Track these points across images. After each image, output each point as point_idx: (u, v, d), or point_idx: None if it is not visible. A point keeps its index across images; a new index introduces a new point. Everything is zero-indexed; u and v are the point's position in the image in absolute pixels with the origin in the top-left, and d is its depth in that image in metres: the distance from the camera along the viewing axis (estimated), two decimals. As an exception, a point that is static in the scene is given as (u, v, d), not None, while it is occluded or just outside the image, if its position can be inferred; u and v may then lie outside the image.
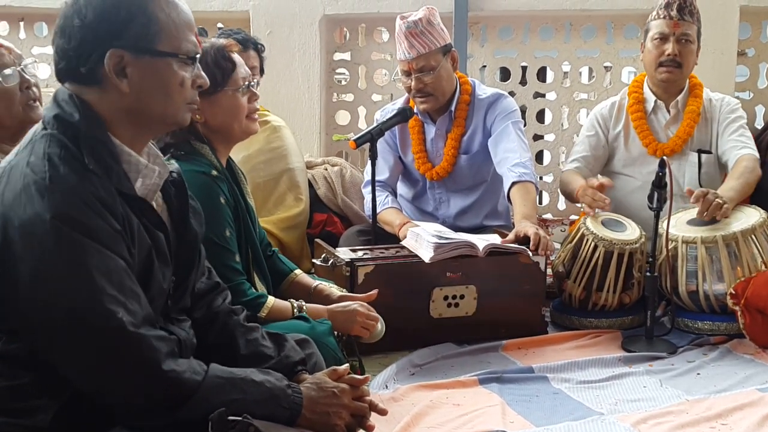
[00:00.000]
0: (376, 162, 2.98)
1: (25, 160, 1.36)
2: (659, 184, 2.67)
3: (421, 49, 3.00)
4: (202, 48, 1.54)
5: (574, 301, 2.96)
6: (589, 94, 4.24)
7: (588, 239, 2.90)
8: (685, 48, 3.14)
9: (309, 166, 3.72)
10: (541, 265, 2.78)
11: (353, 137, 3.01)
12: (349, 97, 4.29)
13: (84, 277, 1.31)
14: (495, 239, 2.84)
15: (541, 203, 4.40)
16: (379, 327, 2.25)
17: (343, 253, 2.76)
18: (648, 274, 2.71)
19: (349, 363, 2.01)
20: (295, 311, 2.14)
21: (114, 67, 1.40)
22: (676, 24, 3.13)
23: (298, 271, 2.42)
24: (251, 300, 2.08)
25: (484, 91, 3.23)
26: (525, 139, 3.15)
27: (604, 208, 2.99)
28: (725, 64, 3.87)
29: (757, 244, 2.77)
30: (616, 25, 4.05)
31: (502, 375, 2.41)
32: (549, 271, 2.97)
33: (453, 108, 3.18)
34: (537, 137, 4.28)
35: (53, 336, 1.32)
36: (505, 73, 4.36)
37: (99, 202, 1.34)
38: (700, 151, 3.23)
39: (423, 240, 2.73)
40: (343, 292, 2.39)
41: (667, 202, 2.68)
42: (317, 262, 2.81)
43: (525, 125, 3.49)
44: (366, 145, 2.97)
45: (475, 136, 3.19)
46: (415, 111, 3.17)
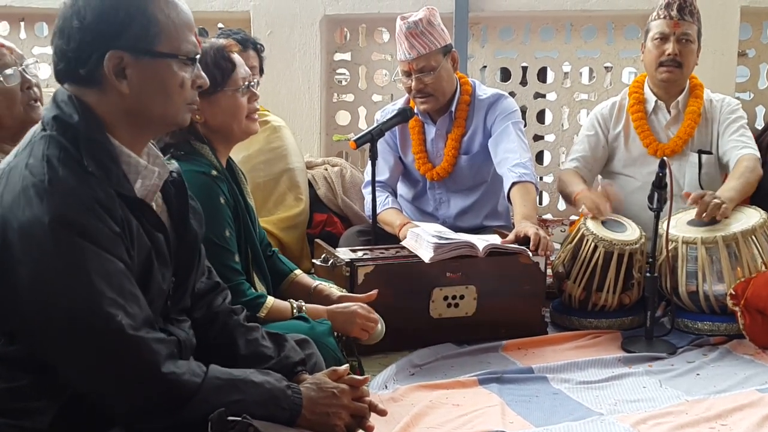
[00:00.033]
0: (377, 162, 2.98)
1: (24, 161, 1.36)
2: (659, 185, 2.67)
3: (422, 50, 3.00)
4: (202, 48, 1.53)
5: (574, 301, 2.96)
6: (589, 95, 4.24)
7: (588, 239, 2.90)
8: (686, 48, 3.14)
9: (309, 167, 3.72)
10: (541, 265, 2.78)
11: (353, 137, 3.01)
12: (349, 97, 4.29)
13: (83, 280, 1.30)
14: (495, 239, 2.84)
15: (541, 204, 4.40)
16: (379, 328, 2.25)
17: (343, 253, 2.76)
18: (648, 274, 2.71)
19: (349, 363, 2.01)
20: (294, 311, 2.14)
21: (113, 68, 1.39)
22: (677, 24, 3.13)
23: (298, 271, 2.41)
24: (250, 300, 2.07)
25: (485, 91, 3.22)
26: (525, 140, 3.15)
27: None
28: (725, 65, 3.87)
29: (757, 244, 2.77)
30: (617, 25, 4.05)
31: (502, 375, 2.41)
32: (549, 271, 2.97)
33: (453, 108, 3.17)
34: (537, 138, 4.28)
35: (52, 339, 1.32)
36: (505, 74, 4.36)
37: (98, 204, 1.34)
38: (700, 152, 3.22)
39: (423, 240, 2.73)
40: (343, 293, 2.38)
41: (668, 202, 2.68)
42: (317, 262, 2.81)
43: (525, 126, 3.49)
44: (366, 146, 2.98)
45: (475, 136, 3.19)
46: (415, 111, 3.16)
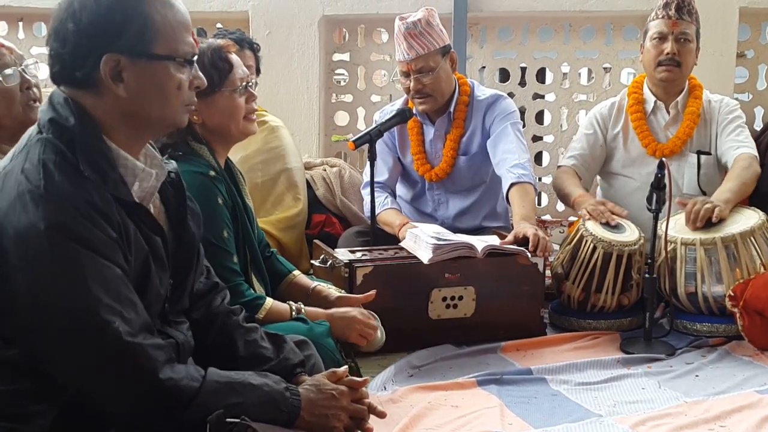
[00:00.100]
0: (375, 163, 2.98)
1: (19, 166, 1.34)
2: (658, 186, 2.67)
3: (420, 50, 3.00)
4: (199, 48, 1.52)
5: (572, 302, 2.96)
6: (588, 96, 4.23)
7: (587, 240, 2.89)
8: (684, 47, 3.14)
9: (308, 167, 3.72)
10: (540, 266, 2.78)
11: (352, 138, 3.00)
12: (348, 97, 4.29)
13: (79, 286, 1.29)
14: (494, 240, 2.83)
15: (539, 204, 4.41)
16: (379, 335, 2.23)
17: (341, 254, 2.76)
18: (647, 275, 2.70)
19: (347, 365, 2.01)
20: (293, 314, 2.14)
21: (110, 71, 1.38)
22: (675, 23, 3.12)
23: (296, 272, 2.41)
24: (249, 301, 2.07)
25: (483, 92, 3.22)
26: (524, 141, 3.15)
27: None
28: (724, 66, 3.88)
29: (756, 246, 2.77)
30: (616, 26, 4.05)
31: (501, 376, 2.40)
32: (548, 272, 2.97)
33: (452, 109, 3.17)
34: (536, 138, 4.28)
35: (50, 345, 1.31)
36: (504, 74, 4.36)
37: (94, 210, 1.33)
38: (699, 153, 3.22)
39: (422, 241, 2.73)
40: (342, 293, 2.38)
41: (666, 203, 2.68)
42: (316, 263, 2.80)
43: (524, 126, 3.49)
44: (365, 146, 2.97)
45: (474, 137, 3.19)
46: (414, 112, 3.16)
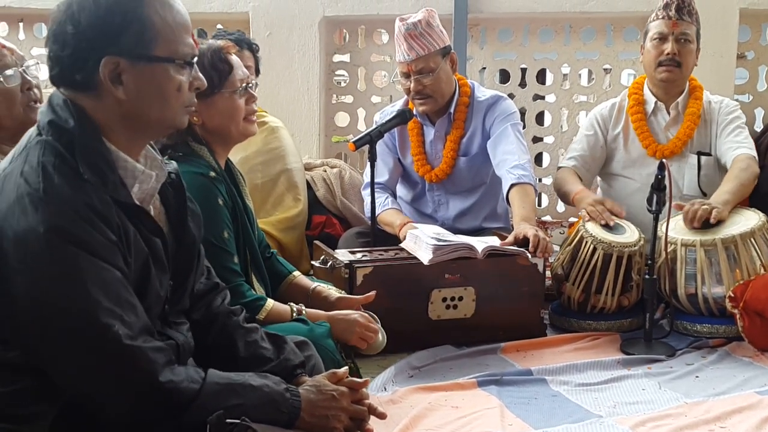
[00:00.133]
0: (375, 164, 2.98)
1: (19, 168, 1.34)
2: (658, 187, 2.67)
3: (421, 51, 3.00)
4: (199, 49, 1.51)
5: (572, 303, 2.95)
6: (588, 97, 4.23)
7: (587, 242, 2.89)
8: (684, 48, 3.14)
9: (308, 168, 3.72)
10: (540, 267, 2.78)
11: (352, 139, 3.00)
12: (348, 98, 4.29)
13: (79, 290, 1.29)
14: (494, 242, 2.83)
15: (540, 205, 4.41)
16: (380, 339, 2.23)
17: (341, 255, 2.76)
18: (647, 276, 2.70)
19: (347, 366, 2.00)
20: (294, 315, 2.13)
21: (109, 74, 1.37)
22: (675, 23, 3.13)
23: (296, 272, 2.41)
24: (250, 302, 2.07)
25: (483, 93, 3.22)
26: (524, 141, 3.15)
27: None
28: (725, 67, 3.88)
29: (756, 247, 2.77)
30: (616, 27, 4.05)
31: (501, 377, 2.40)
32: (548, 273, 2.96)
33: (452, 110, 3.17)
34: (536, 139, 4.28)
35: (49, 348, 1.31)
36: (504, 75, 4.36)
37: (94, 213, 1.32)
38: (699, 153, 3.22)
39: (422, 242, 2.73)
40: (342, 294, 2.38)
41: (666, 204, 2.68)
42: (316, 264, 2.81)
43: (524, 127, 3.49)
44: (365, 147, 2.97)
45: (474, 138, 3.19)
46: (414, 113, 3.16)
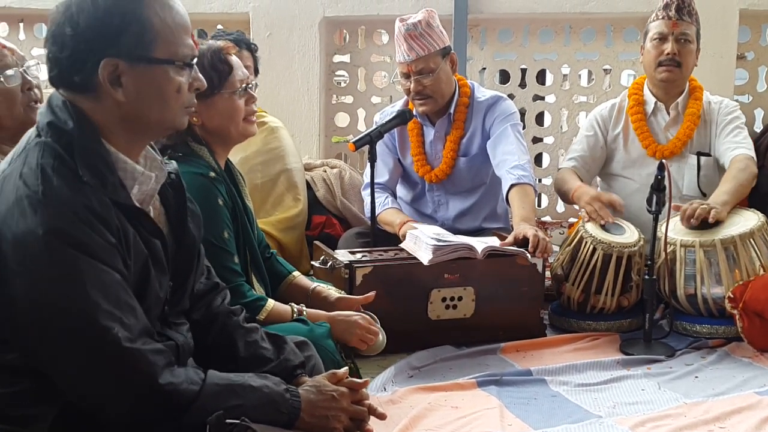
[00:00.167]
0: (375, 164, 2.98)
1: (18, 170, 1.34)
2: (658, 187, 2.67)
3: (421, 52, 3.00)
4: (199, 50, 1.51)
5: (572, 303, 2.96)
6: (588, 97, 4.24)
7: (587, 242, 2.89)
8: (684, 48, 3.15)
9: (308, 168, 3.72)
10: (540, 267, 2.78)
11: (352, 139, 3.01)
12: (348, 99, 4.29)
13: (78, 292, 1.29)
14: (494, 242, 2.83)
15: (539, 206, 4.41)
16: (380, 339, 2.22)
17: (341, 255, 2.76)
18: (646, 277, 2.70)
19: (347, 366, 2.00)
20: (294, 315, 2.13)
21: (108, 76, 1.36)
22: (675, 24, 3.13)
23: (296, 273, 2.41)
24: (251, 302, 2.07)
25: (483, 93, 3.22)
26: (524, 142, 3.15)
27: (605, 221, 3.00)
28: (724, 68, 3.88)
29: (756, 247, 2.77)
30: (616, 28, 4.06)
31: (501, 378, 2.40)
32: (548, 273, 2.97)
33: (452, 110, 3.17)
34: (536, 140, 4.28)
35: (49, 350, 1.31)
36: (504, 76, 4.37)
37: (93, 215, 1.32)
38: (699, 154, 3.22)
39: (422, 242, 2.73)
40: (342, 294, 2.38)
41: (666, 205, 2.68)
42: (316, 264, 2.81)
43: (524, 128, 3.49)
44: (365, 148, 2.98)
45: (474, 138, 3.19)
46: (414, 113, 3.16)
